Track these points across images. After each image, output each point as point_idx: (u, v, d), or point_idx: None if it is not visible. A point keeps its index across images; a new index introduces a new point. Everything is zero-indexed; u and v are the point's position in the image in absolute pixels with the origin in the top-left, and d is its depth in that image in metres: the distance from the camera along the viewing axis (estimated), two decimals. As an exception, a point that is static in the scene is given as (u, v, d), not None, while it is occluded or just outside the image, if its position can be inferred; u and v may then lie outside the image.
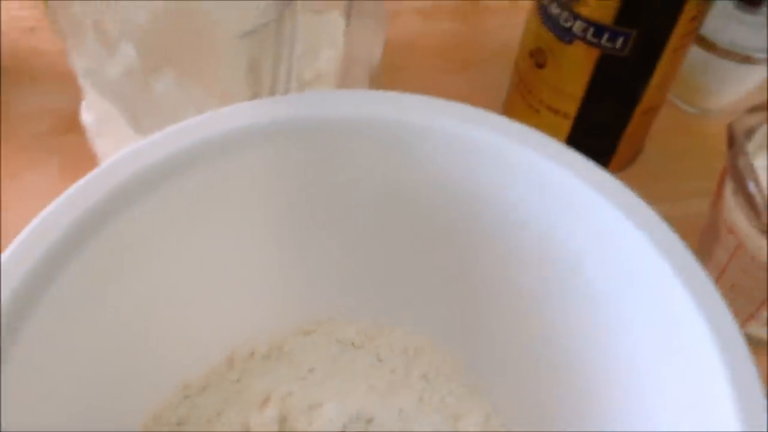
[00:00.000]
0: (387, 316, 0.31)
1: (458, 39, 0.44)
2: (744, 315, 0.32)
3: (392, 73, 0.40)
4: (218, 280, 0.28)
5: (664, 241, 0.24)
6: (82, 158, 0.37)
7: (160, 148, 0.24)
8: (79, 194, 0.24)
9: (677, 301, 0.23)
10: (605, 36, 0.31)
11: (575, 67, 0.33)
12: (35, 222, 0.23)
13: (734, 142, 0.29)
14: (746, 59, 0.37)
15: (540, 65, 0.34)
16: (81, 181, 0.24)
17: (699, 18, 0.31)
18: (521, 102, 0.37)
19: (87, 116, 0.33)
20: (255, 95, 0.27)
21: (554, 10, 0.32)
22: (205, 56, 0.27)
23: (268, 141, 0.26)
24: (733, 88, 0.38)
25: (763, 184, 0.29)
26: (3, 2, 0.44)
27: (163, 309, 0.27)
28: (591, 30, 0.31)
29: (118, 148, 0.33)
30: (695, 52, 0.36)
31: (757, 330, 0.32)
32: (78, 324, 0.24)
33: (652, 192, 0.38)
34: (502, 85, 0.40)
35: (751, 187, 0.28)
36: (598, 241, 0.24)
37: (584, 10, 0.31)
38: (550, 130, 0.35)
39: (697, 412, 0.22)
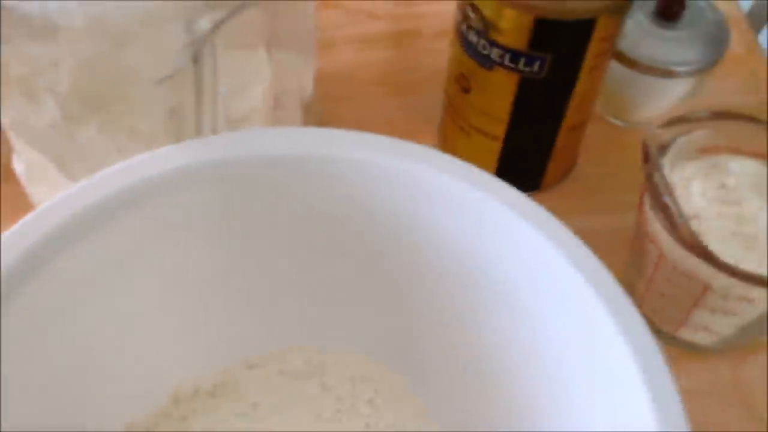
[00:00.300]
0: (332, 343, 0.31)
1: (394, 67, 0.45)
2: (675, 322, 0.33)
3: (330, 102, 0.41)
4: (158, 319, 0.28)
5: (580, 257, 0.24)
6: (21, 207, 0.37)
7: (87, 195, 0.25)
8: (12, 240, 0.24)
9: (592, 310, 0.24)
10: (522, 61, 0.32)
11: (498, 91, 0.34)
12: None
13: (649, 158, 0.30)
14: (668, 73, 0.38)
15: (465, 90, 0.35)
16: (13, 228, 0.24)
17: (611, 37, 0.32)
18: (453, 125, 0.38)
19: (18, 165, 0.33)
20: (178, 139, 0.28)
21: (472, 37, 0.33)
22: (125, 103, 0.27)
23: (196, 182, 0.26)
24: (657, 102, 0.39)
25: (682, 195, 0.30)
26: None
27: (103, 351, 0.27)
28: (508, 56, 0.32)
29: (52, 194, 0.33)
30: (618, 68, 0.38)
31: (690, 335, 0.33)
32: (19, 368, 0.24)
33: (585, 205, 0.39)
34: (436, 109, 0.41)
35: (667, 200, 0.29)
36: (524, 262, 0.25)
37: (500, 38, 0.32)
38: (481, 152, 0.37)
39: (617, 411, 0.23)
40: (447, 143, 0.39)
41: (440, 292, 0.29)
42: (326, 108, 0.40)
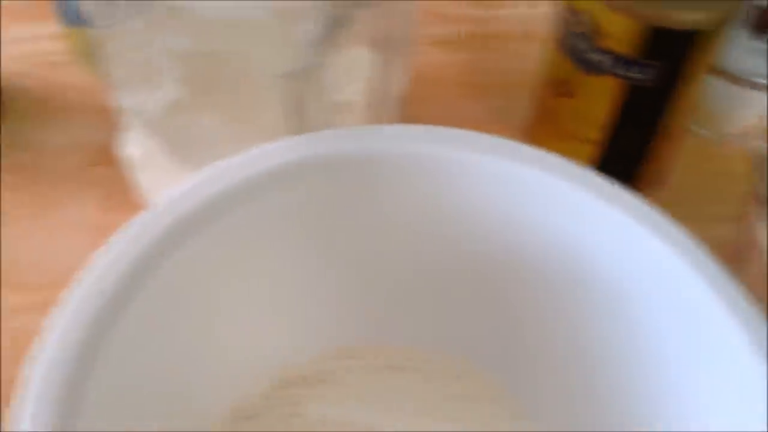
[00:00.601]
0: (429, 342, 0.31)
1: (476, 69, 0.46)
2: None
3: (412, 103, 0.42)
4: (265, 306, 0.29)
5: (701, 263, 0.25)
6: (120, 189, 0.38)
7: (211, 186, 0.25)
8: (136, 232, 0.24)
9: (715, 317, 0.24)
10: (630, 68, 0.32)
11: (600, 97, 0.34)
12: (96, 261, 0.24)
13: (757, 167, 0.30)
14: (760, 86, 0.38)
15: (563, 95, 0.35)
16: (137, 220, 0.25)
17: (715, 48, 0.33)
18: (543, 129, 0.38)
19: (129, 150, 0.34)
20: (296, 132, 0.28)
21: (577, 43, 0.33)
22: (250, 95, 0.28)
23: (310, 176, 0.27)
24: (748, 113, 0.39)
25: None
26: (33, 37, 0.46)
27: (213, 336, 0.28)
28: (616, 63, 0.32)
29: (160, 181, 0.34)
30: (714, 80, 0.38)
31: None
32: (140, 353, 0.25)
33: (674, 214, 0.39)
34: (520, 112, 0.41)
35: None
36: (638, 266, 0.25)
37: (608, 44, 0.32)
38: (573, 156, 0.37)
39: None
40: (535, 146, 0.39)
41: (545, 294, 0.29)
42: (406, 109, 0.41)
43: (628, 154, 0.37)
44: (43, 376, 0.22)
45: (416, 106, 0.41)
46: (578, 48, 0.33)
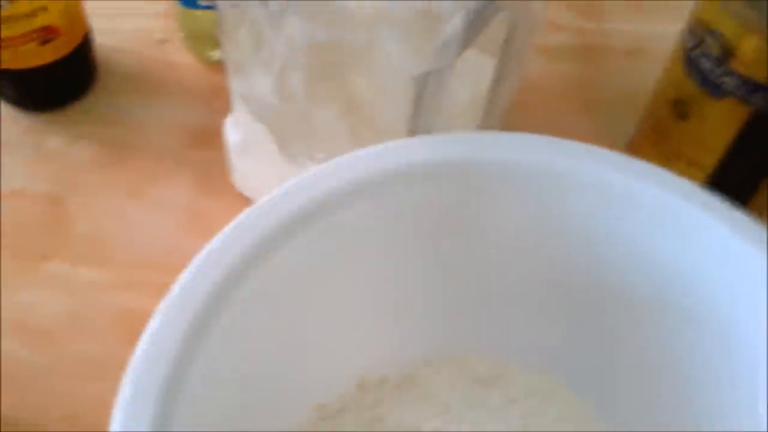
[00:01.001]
0: (513, 356, 0.31)
1: (579, 81, 0.44)
2: None
3: (514, 111, 0.40)
4: (354, 310, 0.28)
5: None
6: (214, 173, 0.38)
7: (323, 182, 0.25)
8: (244, 226, 0.24)
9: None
10: (757, 93, 0.31)
11: (721, 122, 0.32)
12: (204, 253, 0.23)
13: None
14: None
15: (681, 116, 0.34)
16: (245, 214, 0.24)
17: None
18: (652, 150, 0.36)
19: (232, 135, 0.33)
20: (413, 132, 0.28)
21: (705, 64, 0.32)
22: (371, 91, 0.27)
23: (426, 179, 0.26)
24: None
25: None
26: (133, 14, 0.46)
27: (301, 337, 0.27)
28: (744, 87, 0.31)
29: (260, 169, 0.33)
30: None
31: None
32: (236, 347, 0.24)
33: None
34: (623, 130, 0.40)
35: None
36: (742, 286, 0.24)
37: (739, 68, 0.30)
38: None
39: None
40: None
41: (639, 314, 0.28)
42: (509, 116, 0.40)
43: (739, 184, 0.35)
44: (144, 369, 0.21)
45: (519, 114, 0.40)
46: (703, 68, 0.32)
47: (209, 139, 0.40)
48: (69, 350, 0.32)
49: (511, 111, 0.39)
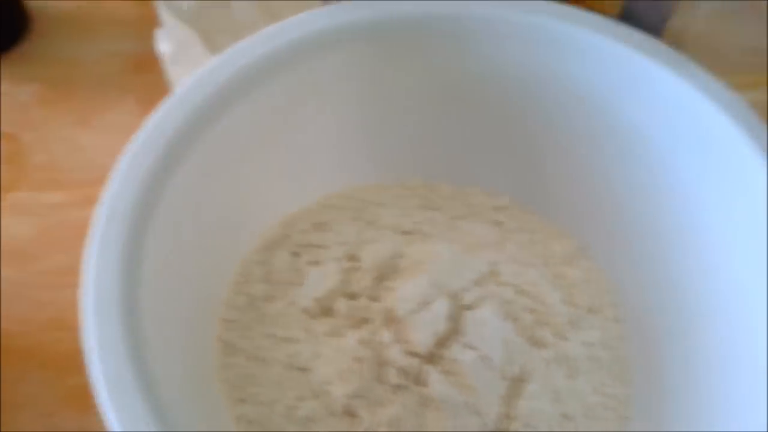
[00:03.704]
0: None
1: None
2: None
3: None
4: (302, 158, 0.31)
5: (727, 103, 0.26)
6: (156, 93, 0.40)
7: (250, 52, 0.27)
8: (182, 98, 0.26)
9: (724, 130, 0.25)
10: None
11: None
12: (154, 117, 0.25)
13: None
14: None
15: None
16: (182, 87, 0.26)
17: None
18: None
19: (163, 45, 0.35)
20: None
21: None
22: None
23: (347, 41, 0.28)
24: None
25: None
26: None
27: (244, 187, 0.29)
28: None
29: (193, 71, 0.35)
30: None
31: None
32: (200, 192, 0.27)
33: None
34: None
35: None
36: (659, 106, 0.27)
37: None
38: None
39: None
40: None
41: (573, 143, 0.30)
42: None
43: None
44: (106, 229, 0.23)
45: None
46: None
47: (146, 64, 0.41)
48: (44, 265, 0.34)
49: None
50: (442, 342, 0.25)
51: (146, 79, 0.40)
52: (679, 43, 0.30)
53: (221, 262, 0.29)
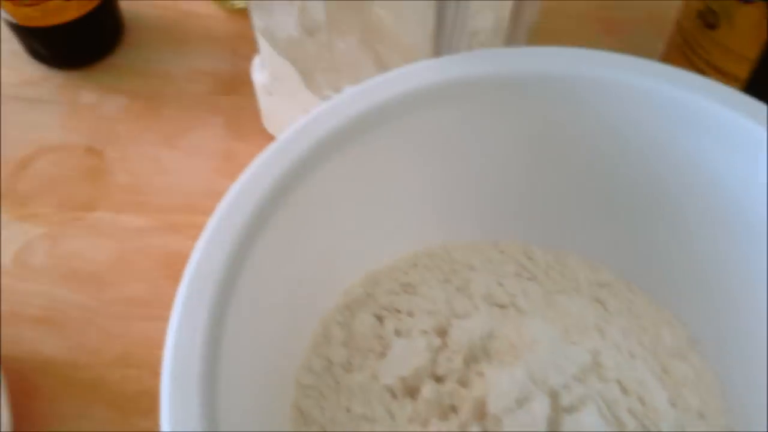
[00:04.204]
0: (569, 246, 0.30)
1: (601, 1, 0.43)
2: None
3: (540, 34, 0.40)
4: (389, 209, 0.29)
5: None
6: (244, 117, 0.39)
7: (355, 104, 0.25)
8: (281, 150, 0.24)
9: None
10: (788, -6, 0.30)
11: (751, 28, 0.32)
12: (253, 167, 0.24)
13: None
14: None
15: (710, 25, 0.33)
16: (281, 138, 0.25)
17: None
18: (683, 62, 0.36)
19: (259, 75, 0.34)
20: (437, 53, 0.28)
21: (732, -33, 0.31)
22: (396, 16, 0.27)
23: (456, 96, 0.26)
24: None
25: None
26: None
27: (345, 232, 0.28)
28: (774, -12, 0.30)
29: (288, 107, 0.34)
30: None
31: None
32: (288, 247, 0.25)
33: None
34: (649, 51, 0.39)
35: None
36: None
37: (768, -33, 0.30)
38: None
39: None
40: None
41: (686, 219, 0.28)
42: (536, 41, 0.39)
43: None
44: (191, 292, 0.22)
45: (540, 39, 0.40)
46: (731, -27, 0.31)
47: (237, 85, 0.40)
48: (117, 293, 0.33)
49: (538, 36, 0.39)
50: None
51: (236, 101, 0.39)
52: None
53: (301, 320, 0.27)
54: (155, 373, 0.31)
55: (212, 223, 0.23)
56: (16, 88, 0.40)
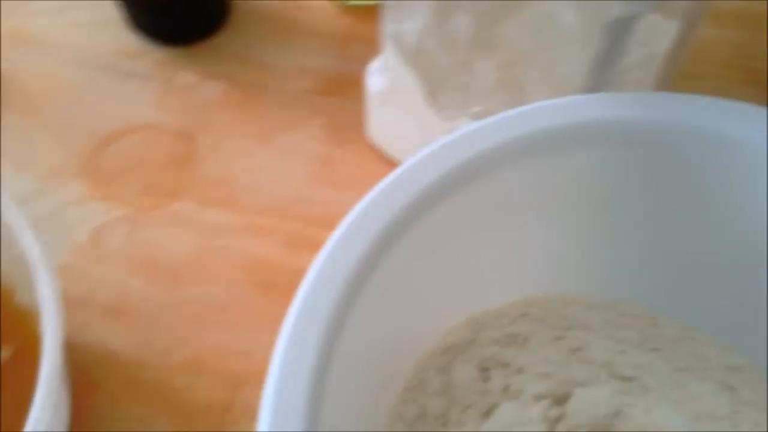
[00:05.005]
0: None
1: (746, 50, 0.40)
2: None
3: (677, 81, 0.37)
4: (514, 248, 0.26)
5: None
6: (347, 123, 0.36)
7: (497, 133, 0.22)
8: (406, 179, 0.22)
9: None
10: None
11: None
12: (370, 198, 0.21)
13: None
14: None
15: None
16: (406, 166, 0.22)
17: None
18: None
19: (376, 81, 0.31)
20: (590, 88, 0.25)
21: None
22: (546, 41, 0.24)
23: (599, 139, 0.23)
24: None
25: None
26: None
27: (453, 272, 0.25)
28: None
29: (401, 121, 0.31)
30: None
31: None
32: (396, 286, 0.22)
33: None
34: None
35: None
36: None
37: None
38: None
39: None
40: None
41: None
42: (676, 83, 0.36)
43: None
44: (297, 331, 0.19)
45: (683, 84, 0.37)
46: None
47: (343, 87, 0.38)
48: (192, 292, 0.31)
49: (675, 79, 0.36)
50: None
51: (339, 104, 0.37)
52: None
53: (395, 359, 0.25)
54: (225, 387, 0.29)
55: (330, 246, 0.20)
56: (112, 58, 0.39)
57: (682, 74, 0.36)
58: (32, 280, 0.23)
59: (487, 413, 0.23)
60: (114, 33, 0.40)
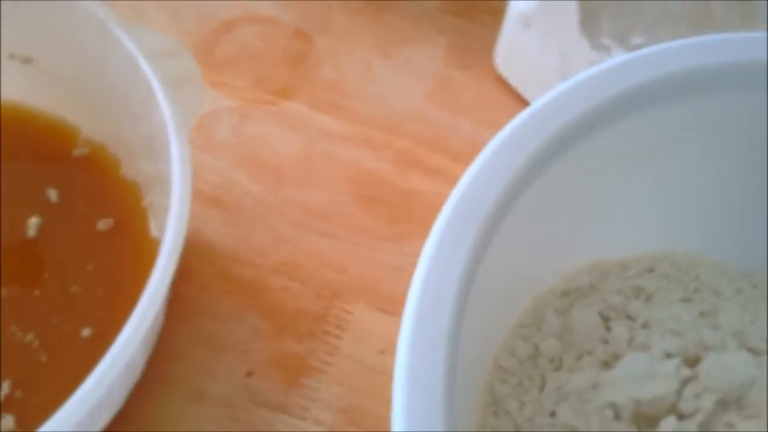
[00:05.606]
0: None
1: None
2: None
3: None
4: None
5: None
6: (472, 47, 0.34)
7: (652, 67, 0.21)
8: (541, 118, 0.20)
9: None
10: None
11: None
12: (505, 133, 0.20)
13: None
14: None
15: None
16: (540, 103, 0.20)
17: None
18: None
19: (520, 4, 0.29)
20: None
21: None
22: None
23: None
24: None
25: None
26: None
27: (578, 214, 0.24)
28: None
29: (542, 48, 0.29)
30: None
31: None
32: (523, 229, 0.21)
33: None
34: None
35: None
36: None
37: None
38: None
39: None
40: None
41: None
42: None
43: None
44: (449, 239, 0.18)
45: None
46: None
47: (472, 8, 0.36)
48: (295, 195, 0.30)
49: None
50: None
51: (466, 26, 0.35)
52: None
53: (516, 297, 0.23)
54: (319, 296, 0.28)
55: (475, 169, 0.19)
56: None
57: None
58: (155, 147, 0.22)
59: (607, 363, 0.22)
60: None
